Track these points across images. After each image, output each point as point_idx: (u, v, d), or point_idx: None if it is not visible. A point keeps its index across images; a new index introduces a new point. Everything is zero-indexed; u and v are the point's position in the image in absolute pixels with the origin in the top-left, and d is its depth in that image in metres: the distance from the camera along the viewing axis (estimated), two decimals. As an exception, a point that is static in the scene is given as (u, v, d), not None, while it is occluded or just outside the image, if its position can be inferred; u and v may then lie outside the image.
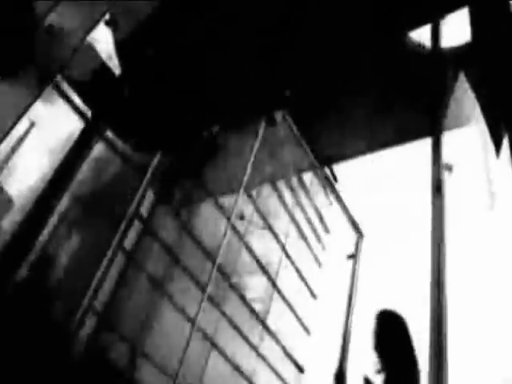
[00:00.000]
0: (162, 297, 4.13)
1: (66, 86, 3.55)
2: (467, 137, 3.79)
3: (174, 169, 4.33)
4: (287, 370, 4.14)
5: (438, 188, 3.98)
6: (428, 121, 4.45)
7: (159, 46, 3.97)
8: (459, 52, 3.85)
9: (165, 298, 4.05)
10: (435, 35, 4.28)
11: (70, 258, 3.83)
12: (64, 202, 3.76)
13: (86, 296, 3.53)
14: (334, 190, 5.11)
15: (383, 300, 3.64)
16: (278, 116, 4.66)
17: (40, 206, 3.60)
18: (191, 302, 3.92)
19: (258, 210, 4.24)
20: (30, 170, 3.63)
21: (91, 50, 3.92)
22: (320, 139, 5.12)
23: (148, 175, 4.00)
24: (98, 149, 3.87)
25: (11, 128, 3.56)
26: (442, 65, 4.06)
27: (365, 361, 3.16)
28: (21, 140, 3.66)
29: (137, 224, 4.02)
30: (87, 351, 3.59)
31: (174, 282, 4.16)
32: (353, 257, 4.65)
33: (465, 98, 3.55)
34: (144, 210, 4.03)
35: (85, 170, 3.77)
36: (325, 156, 5.23)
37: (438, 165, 4.14)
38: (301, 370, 4.03)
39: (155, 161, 4.07)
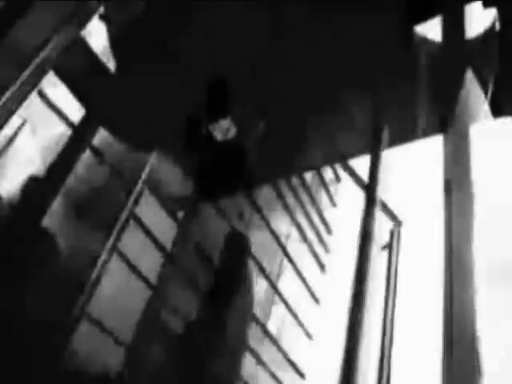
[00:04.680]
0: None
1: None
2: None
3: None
4: (288, 376, 4.02)
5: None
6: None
7: (155, 41, 3.86)
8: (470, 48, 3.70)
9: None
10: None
11: (63, 262, 3.73)
12: (57, 203, 3.67)
13: (79, 300, 3.44)
14: (359, 181, 4.87)
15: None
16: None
17: (31, 206, 3.52)
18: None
19: (258, 210, 4.12)
20: (20, 169, 3.54)
21: (85, 45, 3.83)
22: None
23: (144, 174, 3.91)
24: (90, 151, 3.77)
25: (2, 126, 3.47)
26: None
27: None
28: (12, 138, 3.57)
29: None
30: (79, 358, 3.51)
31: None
32: (388, 247, 4.21)
33: (474, 94, 3.41)
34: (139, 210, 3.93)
35: (77, 171, 3.68)
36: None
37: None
38: (302, 375, 3.91)
39: (152, 159, 3.98)
